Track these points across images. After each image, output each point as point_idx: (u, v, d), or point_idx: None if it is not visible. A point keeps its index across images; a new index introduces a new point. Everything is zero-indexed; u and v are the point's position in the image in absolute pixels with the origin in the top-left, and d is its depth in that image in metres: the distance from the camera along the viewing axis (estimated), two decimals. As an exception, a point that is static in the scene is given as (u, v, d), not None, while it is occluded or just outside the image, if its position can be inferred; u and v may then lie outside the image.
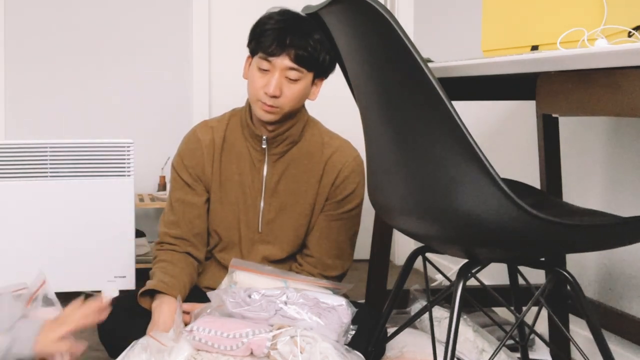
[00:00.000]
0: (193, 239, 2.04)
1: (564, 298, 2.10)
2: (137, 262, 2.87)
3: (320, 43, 1.89)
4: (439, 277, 3.07)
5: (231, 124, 2.06)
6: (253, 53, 1.95)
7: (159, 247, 2.05)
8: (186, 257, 2.02)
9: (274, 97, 1.89)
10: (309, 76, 1.93)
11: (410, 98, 1.32)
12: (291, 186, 2.03)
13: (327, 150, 2.03)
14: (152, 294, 1.92)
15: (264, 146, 2.00)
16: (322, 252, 2.04)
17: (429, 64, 1.35)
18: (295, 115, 2.00)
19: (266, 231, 2.04)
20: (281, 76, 1.89)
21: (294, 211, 2.03)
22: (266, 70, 1.90)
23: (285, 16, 1.92)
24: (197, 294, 2.00)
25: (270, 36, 1.88)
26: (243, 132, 2.03)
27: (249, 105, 2.02)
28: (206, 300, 1.81)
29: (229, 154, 2.04)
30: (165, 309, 1.86)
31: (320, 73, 1.96)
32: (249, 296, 1.73)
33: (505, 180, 1.27)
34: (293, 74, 1.90)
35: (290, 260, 2.08)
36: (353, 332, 1.76)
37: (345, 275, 2.09)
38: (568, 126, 2.38)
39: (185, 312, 1.87)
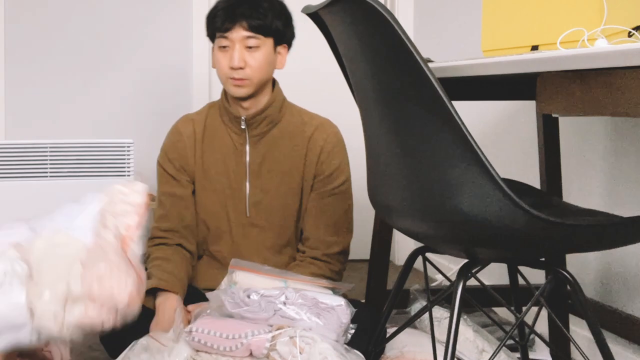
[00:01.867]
0: (183, 230, 2.07)
1: (564, 298, 2.10)
2: (137, 262, 2.87)
3: (270, 10, 1.98)
4: (439, 277, 3.07)
5: (211, 114, 2.12)
6: (212, 37, 2.03)
7: (150, 242, 2.08)
8: (179, 250, 2.05)
9: (240, 68, 1.97)
10: (269, 42, 2.00)
11: (410, 98, 1.32)
12: (275, 166, 2.06)
13: (308, 129, 2.08)
14: (153, 292, 1.93)
15: (243, 127, 2.05)
16: (319, 232, 2.06)
17: (429, 64, 1.35)
18: (266, 87, 2.05)
19: (254, 214, 2.06)
20: (241, 47, 1.97)
21: (280, 191, 2.06)
22: (226, 47, 1.99)
23: None
24: (196, 295, 2.00)
25: (221, 15, 1.98)
26: (222, 119, 2.09)
27: (224, 92, 2.08)
28: (205, 300, 1.82)
29: (211, 142, 2.08)
30: (168, 306, 1.88)
31: (279, 39, 2.03)
32: (248, 296, 1.73)
33: (505, 180, 1.27)
34: (251, 42, 1.97)
35: (287, 248, 2.08)
36: (353, 331, 1.77)
37: (348, 252, 2.11)
38: (568, 126, 2.38)
39: (188, 311, 1.88)
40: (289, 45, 2.08)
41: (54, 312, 1.09)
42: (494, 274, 2.76)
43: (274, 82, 2.10)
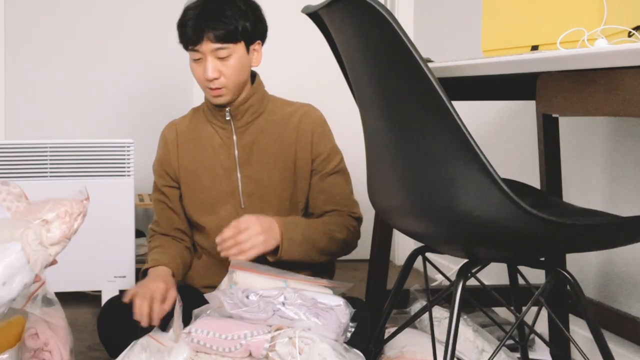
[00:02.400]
0: (173, 232, 2.15)
1: (564, 298, 2.10)
2: (137, 262, 2.87)
3: (235, 15, 1.97)
4: (439, 277, 3.07)
5: (194, 117, 2.17)
6: (185, 48, 2.05)
7: (150, 238, 2.19)
8: (172, 241, 2.14)
9: (215, 79, 1.99)
10: (240, 47, 2.00)
11: (410, 98, 1.32)
12: (264, 155, 2.09)
13: (295, 116, 2.11)
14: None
15: (227, 118, 2.08)
16: (335, 205, 2.11)
17: (429, 64, 1.35)
18: (245, 84, 2.06)
19: (249, 204, 2.09)
20: (213, 59, 1.99)
21: (273, 179, 2.08)
22: (199, 59, 2.00)
23: (198, 2, 2.01)
24: (195, 295, 2.00)
25: (188, 28, 1.99)
26: (207, 117, 2.13)
27: None
28: (204, 301, 1.82)
29: (197, 142, 2.12)
30: (156, 272, 1.98)
31: (250, 40, 2.03)
32: (247, 297, 1.73)
33: (505, 180, 1.27)
34: (222, 53, 1.98)
35: None
36: (352, 330, 1.77)
37: (361, 219, 2.15)
38: (568, 126, 2.38)
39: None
40: (263, 39, 2.09)
41: (39, 241, 1.47)
42: (494, 274, 2.76)
43: (254, 75, 2.13)
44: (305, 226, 2.01)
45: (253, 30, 2.02)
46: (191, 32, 1.98)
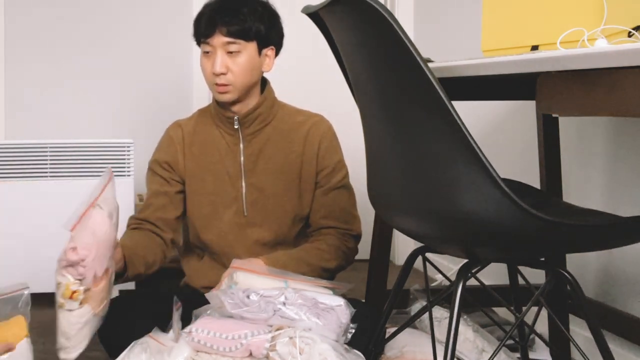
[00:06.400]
0: (156, 221, 2.07)
1: (564, 298, 2.10)
2: (137, 262, 2.87)
3: (250, 14, 1.98)
4: (439, 277, 3.07)
5: (201, 119, 2.15)
6: (198, 43, 2.05)
7: (127, 228, 2.08)
8: (148, 233, 2.05)
9: (222, 74, 1.98)
10: (251, 46, 2.00)
11: (410, 98, 1.32)
12: (270, 164, 2.08)
13: (304, 127, 2.11)
14: None
15: (236, 127, 2.07)
16: (334, 221, 2.10)
17: (429, 64, 1.35)
18: (253, 90, 2.06)
19: (252, 213, 2.08)
20: (223, 53, 1.99)
21: (277, 188, 2.08)
22: (209, 52, 2.01)
23: None
24: (194, 295, 2.00)
25: (203, 21, 2.00)
26: (214, 121, 2.11)
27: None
28: (204, 301, 1.82)
29: (203, 146, 2.10)
30: None
31: (263, 43, 2.03)
32: (248, 297, 1.73)
33: (505, 180, 1.27)
34: (232, 47, 1.98)
35: (283, 245, 2.09)
36: (353, 331, 1.77)
37: (360, 236, 2.14)
38: (568, 126, 2.38)
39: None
40: (277, 46, 2.08)
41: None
42: (494, 274, 2.76)
43: (265, 82, 2.11)
44: (295, 264, 2.00)
45: (267, 33, 2.02)
46: (204, 24, 1.99)
